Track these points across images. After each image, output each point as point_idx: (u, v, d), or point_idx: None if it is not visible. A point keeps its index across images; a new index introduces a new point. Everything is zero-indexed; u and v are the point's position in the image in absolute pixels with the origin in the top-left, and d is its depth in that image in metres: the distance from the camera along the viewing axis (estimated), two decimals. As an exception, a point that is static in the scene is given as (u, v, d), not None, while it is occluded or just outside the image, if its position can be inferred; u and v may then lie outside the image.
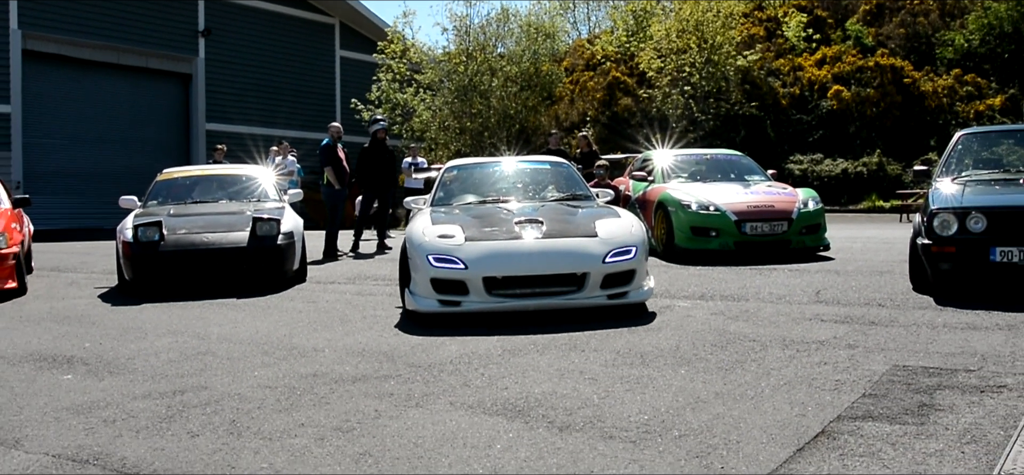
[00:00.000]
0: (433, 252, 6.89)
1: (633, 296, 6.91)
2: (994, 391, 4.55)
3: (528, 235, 7.03)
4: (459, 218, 7.56)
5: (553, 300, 6.73)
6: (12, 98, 22.95)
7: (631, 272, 6.86)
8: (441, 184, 8.88)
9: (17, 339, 7.02)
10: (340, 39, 32.22)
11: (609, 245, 6.85)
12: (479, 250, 6.83)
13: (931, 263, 7.30)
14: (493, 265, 6.73)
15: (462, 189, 8.66)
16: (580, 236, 6.99)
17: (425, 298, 6.87)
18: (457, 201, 8.39)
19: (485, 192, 8.57)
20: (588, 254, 6.78)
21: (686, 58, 26.30)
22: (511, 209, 7.80)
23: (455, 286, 6.75)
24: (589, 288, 6.71)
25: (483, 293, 6.68)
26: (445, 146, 27.35)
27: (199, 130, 27.35)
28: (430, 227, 7.31)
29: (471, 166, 9.48)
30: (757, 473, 3.50)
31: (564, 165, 9.31)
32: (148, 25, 25.95)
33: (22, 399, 5.08)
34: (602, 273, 6.73)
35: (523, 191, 8.65)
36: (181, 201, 10.77)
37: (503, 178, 8.98)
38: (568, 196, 8.42)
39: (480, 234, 7.08)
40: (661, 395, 4.68)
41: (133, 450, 4.04)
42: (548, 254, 6.81)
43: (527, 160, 9.73)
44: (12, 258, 9.31)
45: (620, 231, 7.09)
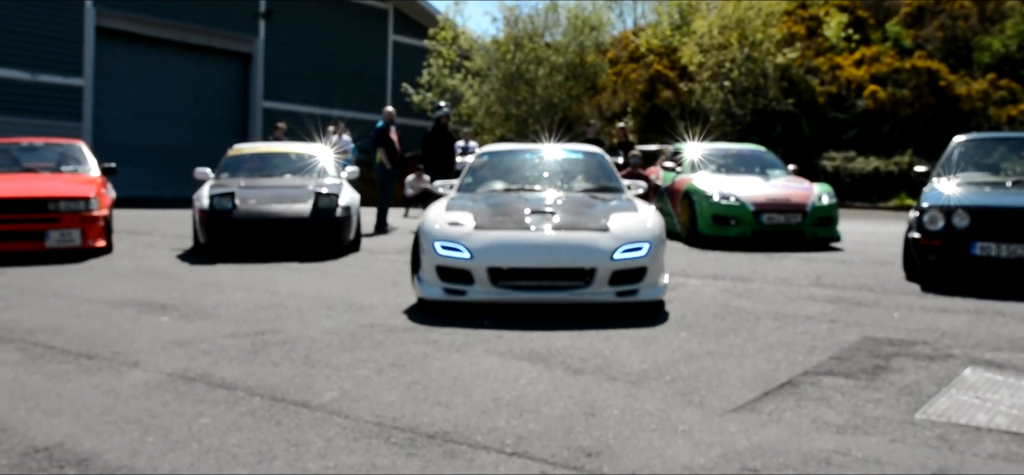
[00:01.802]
0: (440, 239, 6.77)
1: (644, 294, 6.67)
2: (942, 359, 5.42)
3: (538, 226, 6.88)
4: (474, 205, 7.47)
5: (558, 294, 6.57)
6: (85, 72, 24.30)
7: (642, 269, 6.62)
8: (471, 170, 8.78)
9: (115, 289, 8.12)
10: (393, 24, 33.26)
11: (619, 240, 6.63)
12: (486, 240, 6.67)
13: (919, 255, 8.15)
14: (498, 255, 6.58)
15: (491, 175, 8.55)
16: (590, 230, 6.79)
17: (431, 286, 6.79)
18: (484, 187, 8.29)
19: (513, 180, 8.43)
20: (596, 249, 6.59)
21: (727, 54, 26.97)
22: (528, 198, 7.68)
23: (460, 275, 6.63)
24: (597, 284, 6.53)
25: (488, 283, 6.55)
26: (491, 131, 28.33)
27: (257, 108, 28.58)
28: (442, 214, 7.26)
29: (503, 153, 9.30)
30: (726, 407, 4.43)
31: (597, 155, 9.02)
32: (212, 6, 27.14)
33: (131, 334, 6.14)
34: (610, 269, 6.53)
35: (551, 180, 8.46)
36: (250, 174, 11.85)
37: (533, 166, 8.82)
38: (596, 187, 8.26)
39: (490, 223, 6.92)
40: (661, 351, 5.62)
41: (229, 373, 5.05)
42: (555, 247, 6.65)
43: (560, 148, 9.38)
44: (102, 220, 10.47)
45: (633, 226, 6.86)
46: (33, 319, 6.63)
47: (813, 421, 4.20)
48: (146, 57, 26.37)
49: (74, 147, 12.36)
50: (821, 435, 4.00)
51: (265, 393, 4.60)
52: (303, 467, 3.54)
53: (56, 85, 23.87)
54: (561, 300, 6.60)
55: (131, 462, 3.59)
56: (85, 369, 5.14)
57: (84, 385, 4.78)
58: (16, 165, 11.56)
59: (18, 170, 11.40)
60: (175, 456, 3.66)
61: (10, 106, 22.68)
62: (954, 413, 4.35)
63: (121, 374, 5.03)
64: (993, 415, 4.32)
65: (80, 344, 5.78)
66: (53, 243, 10.07)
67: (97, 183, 11.02)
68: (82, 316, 6.78)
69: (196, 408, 4.35)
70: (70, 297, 7.66)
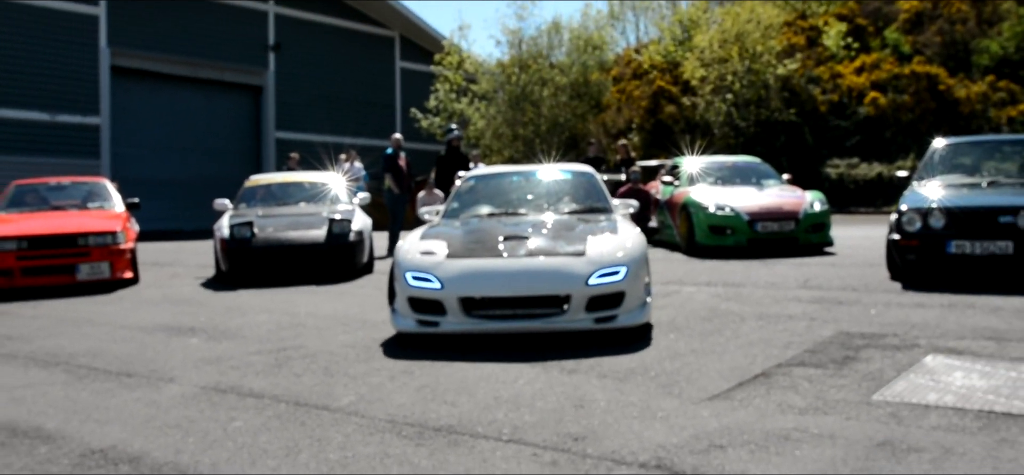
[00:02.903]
0: (412, 269, 6.57)
1: (623, 320, 6.37)
2: (908, 348, 5.91)
3: (512, 253, 6.63)
4: (450, 233, 7.28)
5: (533, 323, 6.28)
6: (102, 110, 25.03)
7: (619, 294, 6.33)
8: (457, 194, 8.59)
9: (145, 316, 8.69)
10: (400, 51, 33.94)
11: (595, 265, 6.35)
12: (456, 269, 6.45)
13: (899, 255, 8.64)
14: (469, 285, 6.34)
15: (477, 200, 8.37)
16: (565, 255, 6.50)
17: (404, 317, 6.60)
18: (469, 212, 8.10)
19: (499, 203, 8.23)
20: (570, 274, 6.30)
21: (728, 67, 27.47)
22: (507, 223, 7.46)
23: (432, 306, 6.42)
24: (572, 311, 6.24)
25: (460, 314, 6.32)
26: (499, 153, 28.91)
27: (269, 138, 29.25)
28: (416, 242, 7.05)
29: (489, 176, 9.04)
30: (702, 397, 4.94)
31: (586, 175, 8.74)
32: (222, 41, 27.88)
33: (164, 355, 6.69)
34: (586, 295, 6.25)
35: (537, 202, 8.26)
36: (267, 204, 12.43)
37: (519, 189, 8.58)
38: (583, 208, 8.04)
39: (464, 251, 6.72)
40: (650, 351, 6.13)
41: (256, 384, 5.59)
42: (527, 274, 6.38)
43: (549, 170, 9.11)
44: (129, 252, 11.07)
45: (611, 250, 6.57)
46: (73, 345, 7.19)
47: (779, 405, 4.71)
48: (160, 94, 27.10)
49: (99, 185, 13.02)
50: (784, 416, 4.50)
51: (290, 400, 5.13)
52: (325, 458, 4.06)
53: (75, 124, 24.60)
54: (536, 329, 6.30)
55: (175, 459, 4.13)
56: (126, 385, 5.69)
57: (127, 399, 5.33)
58: (46, 204, 12.21)
59: (48, 208, 12.05)
60: (213, 453, 4.20)
61: (31, 146, 23.42)
62: (909, 394, 4.84)
63: (159, 388, 5.57)
64: (943, 394, 4.81)
65: (119, 365, 6.34)
66: (84, 276, 10.67)
67: (122, 218, 11.63)
68: (118, 341, 7.34)
69: (228, 414, 4.89)
70: (104, 325, 8.23)
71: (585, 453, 4.02)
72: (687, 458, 3.92)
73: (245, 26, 28.70)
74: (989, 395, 4.75)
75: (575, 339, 6.44)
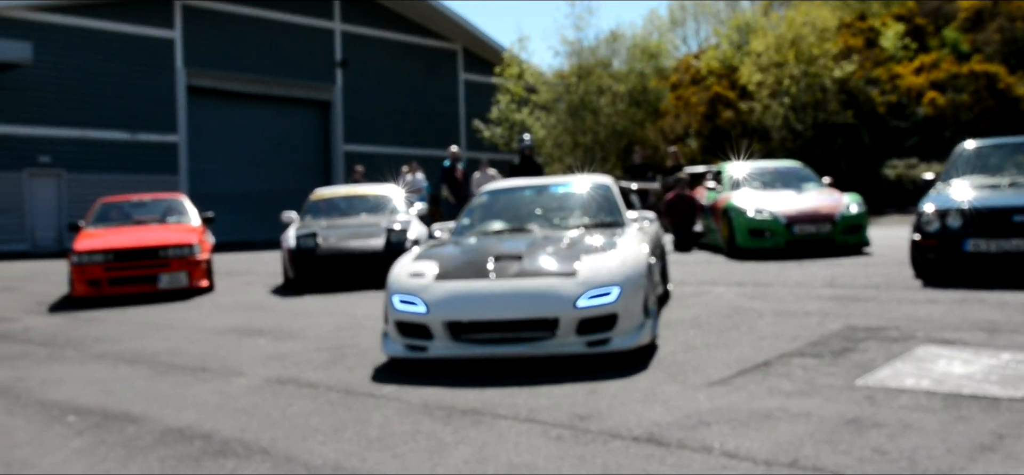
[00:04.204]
0: (399, 292, 6.38)
1: (617, 343, 6.07)
2: (905, 340, 6.41)
3: (500, 274, 6.37)
4: (446, 252, 7.13)
5: (521, 347, 6.01)
6: (179, 128, 26.35)
7: (612, 316, 6.05)
8: (469, 210, 8.48)
9: (219, 320, 9.55)
10: (463, 63, 34.86)
11: (585, 285, 6.08)
12: (442, 292, 6.22)
13: (920, 254, 9.10)
14: (454, 308, 6.12)
15: (489, 215, 8.26)
16: (554, 275, 6.25)
17: (393, 342, 6.39)
18: (477, 229, 8.00)
19: (510, 219, 8.09)
20: (557, 296, 6.04)
21: (785, 71, 27.73)
22: (506, 241, 7.30)
23: (419, 330, 6.20)
24: (562, 334, 5.98)
25: (447, 339, 6.10)
26: (559, 160, 29.60)
27: (338, 152, 30.36)
28: (408, 264, 6.87)
29: (503, 191, 8.85)
30: (703, 383, 5.54)
31: (602, 187, 8.45)
32: (291, 59, 29.08)
33: (235, 353, 7.49)
34: (575, 318, 5.99)
35: (548, 217, 8.08)
36: (330, 215, 13.28)
37: (531, 203, 8.38)
38: (594, 222, 7.87)
39: (453, 272, 6.49)
40: (668, 344, 6.73)
41: (314, 376, 6.33)
42: (513, 296, 6.11)
43: (563, 183, 8.87)
44: (205, 263, 12.00)
45: (605, 269, 6.27)
46: (155, 345, 8.05)
47: (770, 389, 5.29)
48: (233, 111, 28.40)
49: (177, 200, 14.04)
50: (771, 399, 5.09)
51: (341, 389, 5.87)
52: (365, 434, 4.77)
53: (153, 142, 25.96)
54: (524, 354, 6.02)
55: (240, 436, 4.88)
56: (201, 378, 6.49)
57: (201, 389, 6.13)
58: (129, 219, 13.26)
59: (131, 223, 13.09)
60: (271, 431, 4.94)
61: (114, 164, 24.81)
62: (890, 379, 5.38)
63: (229, 381, 6.36)
64: (920, 379, 5.33)
65: (195, 361, 7.16)
66: (164, 285, 11.61)
67: (198, 231, 12.59)
68: (194, 341, 8.18)
69: (287, 401, 5.63)
70: (182, 328, 9.09)
71: (587, 429, 4.66)
72: (676, 433, 4.53)
73: (313, 44, 29.87)
74: (963, 379, 5.27)
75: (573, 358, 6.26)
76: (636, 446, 4.37)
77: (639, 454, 4.26)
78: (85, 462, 4.58)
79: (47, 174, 24.35)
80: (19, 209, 23.92)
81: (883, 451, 4.08)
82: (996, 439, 4.18)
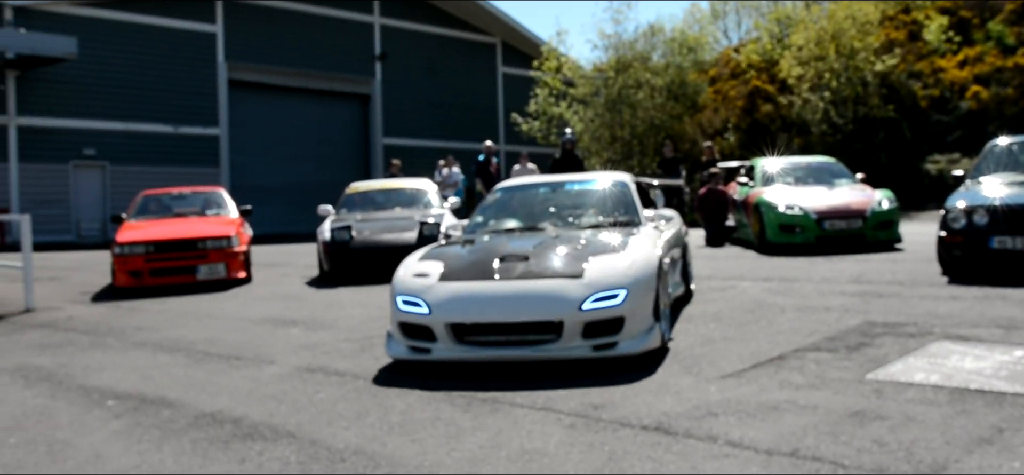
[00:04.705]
0: (403, 292, 6.28)
1: (624, 347, 5.89)
2: (921, 336, 6.51)
3: (505, 275, 6.22)
4: (453, 252, 6.98)
5: (525, 351, 5.88)
6: (220, 121, 26.84)
7: (619, 319, 5.88)
8: (482, 208, 8.36)
9: (255, 310, 9.83)
10: (502, 57, 35.06)
11: (591, 287, 5.93)
12: (445, 292, 6.10)
13: (946, 251, 9.15)
14: (457, 310, 5.99)
15: (501, 214, 8.09)
16: (560, 276, 6.09)
17: (396, 343, 6.29)
18: (489, 227, 7.82)
19: (523, 217, 7.91)
20: (562, 298, 5.88)
21: (824, 64, 27.54)
22: (515, 241, 7.13)
23: (422, 331, 6.08)
24: (567, 337, 5.83)
25: (450, 341, 5.97)
26: (597, 154, 29.68)
27: (377, 144, 30.73)
28: (414, 263, 6.80)
29: (516, 188, 8.66)
30: (716, 376, 5.68)
31: (619, 184, 8.22)
32: (331, 52, 29.47)
33: (268, 342, 7.75)
34: (580, 321, 5.83)
35: (561, 215, 7.88)
36: (365, 209, 13.55)
37: (545, 201, 8.18)
38: (609, 221, 7.63)
39: (458, 273, 6.36)
40: (686, 338, 6.88)
41: (342, 365, 6.56)
42: (517, 298, 5.97)
43: (579, 180, 8.69)
44: (242, 255, 12.31)
45: (612, 270, 6.10)
46: (193, 334, 8.34)
47: (780, 383, 5.42)
48: (273, 104, 28.84)
49: (216, 193, 14.39)
50: (780, 391, 5.22)
51: (367, 377, 6.09)
52: (387, 420, 4.98)
53: (196, 135, 26.47)
54: (528, 357, 5.88)
55: (269, 420, 5.11)
56: (235, 366, 6.76)
57: (235, 376, 6.38)
58: (169, 211, 13.63)
59: (171, 216, 13.45)
60: (299, 416, 5.17)
61: (157, 157, 25.35)
62: (900, 374, 5.49)
63: (261, 368, 6.61)
64: (930, 374, 5.44)
65: (230, 350, 7.43)
66: (203, 276, 11.94)
67: (236, 223, 12.91)
68: (230, 331, 8.46)
69: (315, 388, 5.87)
70: (219, 318, 9.38)
71: (599, 418, 4.84)
72: (683, 423, 4.69)
73: (353, 37, 30.24)
74: (972, 375, 5.37)
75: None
76: (644, 434, 4.54)
77: (646, 442, 4.43)
78: (122, 443, 4.83)
79: (92, 166, 24.93)
80: (65, 201, 24.53)
81: (882, 442, 4.22)
82: (995, 432, 4.29)
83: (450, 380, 5.84)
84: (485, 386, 5.61)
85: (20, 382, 6.59)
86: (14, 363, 7.34)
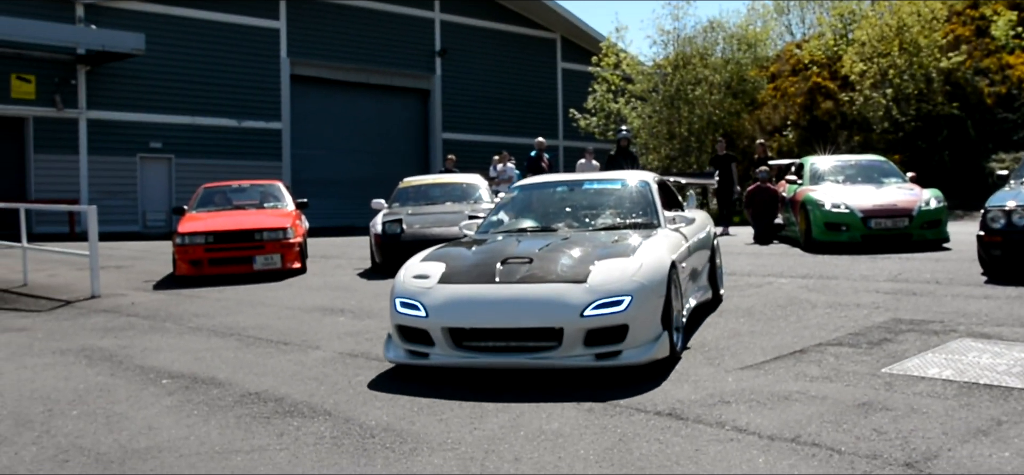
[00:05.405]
0: (401, 295, 6.08)
1: (629, 356, 5.60)
2: (944, 333, 6.63)
3: (506, 278, 5.97)
4: (457, 252, 6.71)
5: (524, 358, 5.65)
6: (283, 116, 27.50)
7: (622, 327, 5.60)
8: (498, 206, 8.19)
9: (306, 299, 10.25)
10: (561, 52, 35.28)
11: (595, 293, 5.65)
12: (443, 296, 5.89)
13: (985, 251, 9.20)
14: (454, 314, 5.78)
15: (516, 213, 7.88)
16: (563, 281, 5.82)
17: (395, 347, 6.11)
18: (503, 227, 7.61)
19: (538, 217, 7.67)
20: (563, 304, 5.63)
21: (887, 61, 27.21)
22: (523, 242, 6.82)
23: (420, 335, 5.89)
24: (568, 345, 5.57)
25: (448, 346, 5.76)
26: (655, 151, 29.76)
27: (436, 140, 31.17)
28: (415, 264, 6.57)
29: (533, 187, 8.45)
30: (736, 367, 5.90)
31: (641, 184, 7.91)
32: (392, 48, 29.98)
33: (316, 329, 8.14)
34: (581, 328, 5.56)
35: (577, 215, 7.64)
36: (417, 203, 13.93)
37: (561, 201, 7.95)
38: (626, 223, 7.37)
39: (459, 275, 6.13)
40: (714, 331, 7.10)
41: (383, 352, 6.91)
42: (516, 302, 5.75)
43: (598, 180, 8.39)
44: (297, 246, 12.76)
45: (618, 275, 5.80)
46: (246, 321, 8.77)
47: (796, 374, 5.63)
48: (335, 99, 29.44)
49: (273, 186, 14.91)
50: (795, 382, 5.43)
51: (404, 363, 6.43)
52: (418, 401, 5.31)
53: (259, 129, 27.17)
54: (527, 365, 5.68)
55: (309, 400, 5.47)
56: (282, 350, 7.15)
57: (281, 360, 6.77)
58: (229, 203, 14.16)
59: (231, 208, 13.97)
60: (336, 396, 5.53)
61: (221, 150, 26.09)
62: (915, 368, 5.66)
63: (307, 353, 7.00)
64: (944, 369, 5.60)
65: (279, 336, 7.83)
66: (259, 266, 12.41)
67: (292, 216, 13.37)
68: (281, 318, 8.88)
69: (356, 372, 6.22)
70: (272, 306, 9.81)
71: (616, 403, 5.10)
72: (696, 410, 4.94)
73: (413, 33, 30.71)
74: (985, 370, 5.51)
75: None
76: (657, 419, 4.80)
77: (657, 425, 4.68)
78: (173, 417, 5.23)
79: (158, 159, 25.74)
80: (132, 192, 25.34)
81: (882, 431, 4.42)
82: (994, 425, 4.47)
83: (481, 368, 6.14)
84: (513, 373, 5.88)
85: (83, 362, 7.05)
86: (79, 345, 7.83)
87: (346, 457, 4.40)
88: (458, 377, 5.84)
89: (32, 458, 4.58)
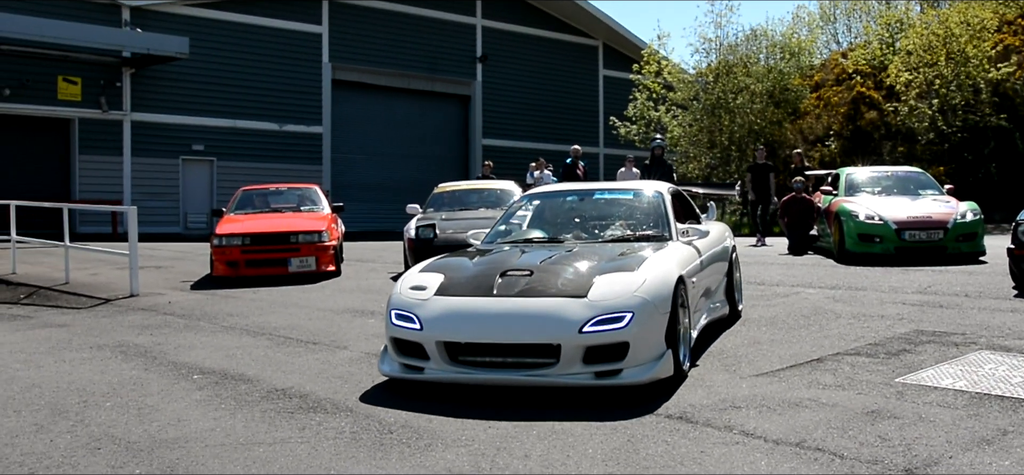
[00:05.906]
0: (396, 306, 5.91)
1: (628, 375, 5.38)
2: (964, 346, 6.65)
3: (504, 292, 5.77)
4: (457, 263, 6.46)
5: (521, 375, 5.47)
6: (323, 120, 27.89)
7: (622, 345, 5.38)
8: (507, 215, 8.04)
9: (339, 301, 10.46)
10: (603, 59, 35.34)
11: (595, 309, 5.44)
12: (439, 308, 5.71)
13: (1015, 264, 9.18)
14: (449, 327, 5.61)
15: (524, 223, 7.75)
16: (562, 295, 5.61)
17: (389, 360, 5.93)
18: (511, 237, 7.42)
19: (547, 227, 7.48)
20: (561, 319, 5.42)
21: (934, 71, 26.83)
22: (527, 253, 6.60)
23: (415, 349, 5.72)
24: (565, 362, 5.37)
25: (443, 360, 5.59)
26: (695, 160, 29.70)
27: (476, 145, 31.40)
28: (414, 274, 6.33)
29: (545, 196, 8.28)
30: (751, 374, 5.99)
31: (654, 195, 7.64)
32: (433, 54, 30.26)
33: (345, 330, 8.34)
34: (580, 345, 5.36)
35: (585, 227, 7.42)
36: (450, 208, 14.11)
37: (570, 211, 7.76)
38: (637, 235, 7.09)
39: (456, 287, 5.92)
40: (735, 339, 7.18)
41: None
42: (513, 317, 5.56)
43: (610, 190, 8.19)
44: (332, 249, 13.00)
45: (621, 290, 5.57)
46: (278, 321, 8.99)
47: (809, 382, 5.70)
48: (375, 103, 29.79)
49: (310, 190, 15.18)
50: (807, 390, 5.51)
51: (427, 363, 6.59)
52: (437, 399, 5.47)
53: (300, 133, 27.56)
54: (523, 382, 5.49)
55: (332, 397, 5.66)
56: (310, 350, 7.36)
57: (309, 359, 6.97)
58: (266, 206, 14.45)
59: (268, 211, 14.25)
60: (360, 394, 5.71)
61: (262, 154, 26.52)
62: (930, 378, 5.70)
63: (334, 353, 7.19)
64: (958, 380, 5.64)
65: (309, 336, 8.04)
66: (294, 268, 12.66)
67: (328, 219, 13.61)
68: (313, 319, 9.09)
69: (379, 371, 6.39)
70: (305, 307, 10.03)
71: (630, 406, 5.22)
72: (706, 414, 5.04)
73: (454, 39, 30.98)
74: (998, 382, 5.55)
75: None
76: (666, 422, 4.91)
77: (666, 428, 4.80)
78: (201, 410, 5.43)
79: (200, 161, 26.22)
80: (174, 194, 25.83)
81: (886, 438, 4.50)
82: (999, 434, 4.53)
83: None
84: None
85: (119, 357, 7.31)
86: (116, 341, 8.10)
87: (363, 451, 4.57)
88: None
89: (66, 445, 4.79)
